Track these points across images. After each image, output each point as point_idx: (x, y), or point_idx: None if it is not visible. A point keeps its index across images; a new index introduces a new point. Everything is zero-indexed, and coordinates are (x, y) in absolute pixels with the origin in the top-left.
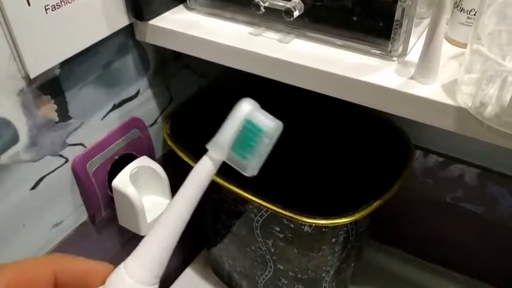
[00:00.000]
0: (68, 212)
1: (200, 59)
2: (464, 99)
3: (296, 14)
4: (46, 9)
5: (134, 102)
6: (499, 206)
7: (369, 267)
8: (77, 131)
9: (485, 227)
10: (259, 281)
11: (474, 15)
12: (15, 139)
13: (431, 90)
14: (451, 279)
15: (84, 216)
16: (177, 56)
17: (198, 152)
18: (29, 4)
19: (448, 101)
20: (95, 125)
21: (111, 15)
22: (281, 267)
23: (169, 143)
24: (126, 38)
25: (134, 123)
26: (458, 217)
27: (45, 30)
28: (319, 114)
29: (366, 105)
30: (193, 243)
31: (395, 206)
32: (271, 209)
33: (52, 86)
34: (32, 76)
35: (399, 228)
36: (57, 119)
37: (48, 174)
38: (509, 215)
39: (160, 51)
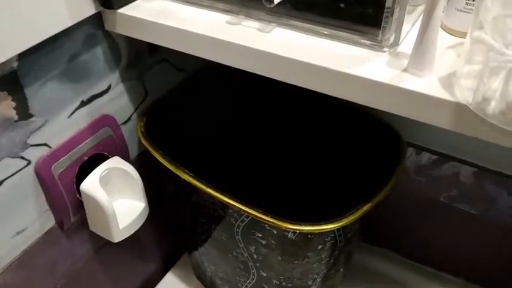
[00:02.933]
0: (33, 218)
1: (178, 51)
2: (464, 93)
3: (277, 0)
4: None
5: (105, 98)
6: (496, 206)
7: (359, 270)
8: (40, 130)
9: (482, 228)
10: None
11: (473, 0)
12: None
13: (426, 83)
14: (446, 281)
15: (51, 222)
16: (153, 48)
17: (176, 151)
18: None
19: (445, 96)
20: (61, 123)
21: (75, 2)
22: (264, 274)
23: (144, 141)
24: (94, 29)
25: (105, 120)
26: (452, 218)
27: None
28: (305, 111)
29: (354, 101)
30: (175, 246)
31: (386, 206)
32: (252, 214)
33: (9, 81)
34: None
35: (391, 229)
36: (16, 117)
37: (8, 177)
38: (507, 216)
39: (134, 42)
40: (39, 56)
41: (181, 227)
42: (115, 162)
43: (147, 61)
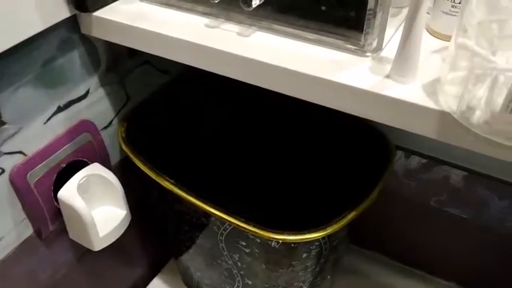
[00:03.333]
0: (8, 227)
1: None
2: (448, 101)
3: (255, 2)
4: None
5: (83, 103)
6: (487, 210)
7: (349, 273)
8: (14, 137)
9: (472, 232)
10: None
11: (459, 3)
12: None
13: (409, 90)
14: (436, 285)
15: (28, 231)
16: (134, 50)
17: (158, 156)
18: None
19: (429, 103)
20: (36, 130)
21: (48, 6)
22: (249, 282)
23: (124, 148)
24: (69, 32)
25: (84, 126)
26: (443, 222)
27: None
28: (291, 116)
29: (335, 108)
30: (161, 252)
31: (376, 209)
32: (234, 224)
33: None
34: None
35: (380, 233)
36: None
37: None
38: (497, 220)
39: (113, 45)
40: (11, 61)
41: (165, 234)
42: (94, 169)
43: (128, 64)
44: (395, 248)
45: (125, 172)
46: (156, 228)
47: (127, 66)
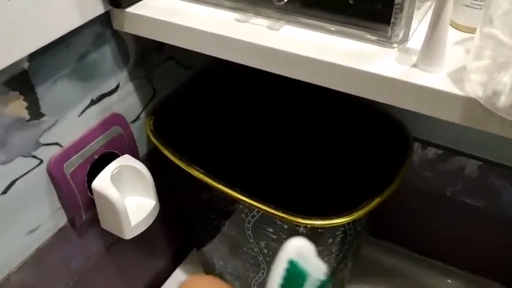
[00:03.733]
0: (45, 216)
1: (185, 49)
2: (474, 88)
3: None
4: None
5: (114, 96)
6: (501, 199)
7: (365, 263)
8: (52, 129)
9: (487, 221)
10: (252, 283)
11: None
12: None
13: (436, 79)
14: (451, 274)
15: (63, 220)
16: (160, 46)
17: (185, 148)
18: None
19: (455, 90)
20: (72, 122)
21: (84, 2)
22: None
23: (153, 139)
24: (102, 28)
25: (115, 119)
26: (458, 211)
27: (9, 19)
28: (313, 107)
29: (364, 96)
30: (183, 243)
31: (392, 200)
32: (264, 210)
33: (20, 81)
34: None
35: (397, 223)
36: (28, 117)
37: (21, 177)
38: (511, 209)
39: (141, 41)
40: (49, 56)
41: (191, 224)
42: (125, 160)
43: (155, 59)
44: (410, 237)
45: (152, 163)
46: (180, 219)
47: (153, 61)
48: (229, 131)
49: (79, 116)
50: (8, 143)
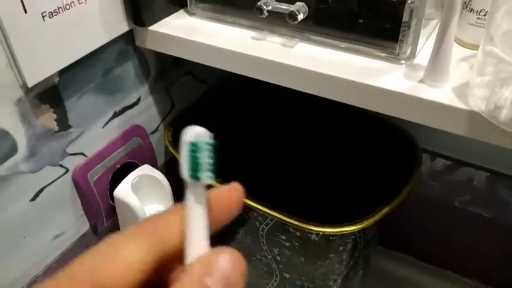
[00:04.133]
0: (69, 222)
1: (201, 64)
2: (477, 102)
3: (300, 17)
4: (43, 17)
5: (135, 109)
6: (509, 209)
7: (375, 273)
8: (77, 140)
9: (495, 230)
10: None
11: (484, 15)
12: (13, 150)
13: (442, 93)
14: (460, 283)
15: (85, 227)
16: (178, 61)
17: None
18: (25, 11)
19: (460, 104)
20: (96, 133)
21: (111, 21)
22: (287, 275)
23: (171, 150)
24: (126, 45)
25: (135, 131)
26: (466, 221)
27: (43, 37)
28: (324, 119)
29: (375, 110)
30: None
31: (401, 210)
32: (278, 218)
33: (51, 95)
34: (29, 85)
35: (406, 233)
36: (56, 128)
37: (48, 184)
38: None
39: (161, 57)
40: (77, 71)
41: None
42: (145, 170)
43: (173, 74)
44: (419, 247)
45: (169, 173)
46: None
47: (172, 76)
48: (244, 142)
49: (103, 127)
50: (38, 152)
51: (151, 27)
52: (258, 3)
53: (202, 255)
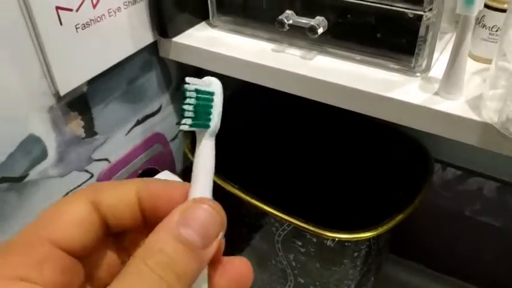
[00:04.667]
0: None
1: (219, 74)
2: (489, 114)
3: (320, 31)
4: (77, 28)
5: (156, 117)
6: None
7: (387, 281)
8: (102, 146)
9: (505, 240)
10: None
11: (496, 31)
12: (44, 155)
13: (456, 105)
14: None
15: None
16: (198, 71)
17: (219, 166)
18: (61, 23)
19: (473, 116)
20: (119, 140)
21: (137, 33)
22: (302, 281)
23: (190, 157)
24: (150, 55)
25: (156, 138)
26: (477, 230)
27: (75, 48)
28: (338, 128)
29: (390, 120)
30: None
31: (413, 219)
32: (294, 224)
33: (80, 103)
34: (62, 93)
35: (417, 242)
36: (83, 135)
37: (74, 189)
38: None
39: (182, 67)
40: (104, 80)
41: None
42: (166, 176)
43: None
44: (430, 255)
45: (187, 180)
46: None
47: None
48: (260, 149)
49: (126, 134)
50: (66, 158)
51: (175, 39)
52: (280, 17)
53: (184, 205)
